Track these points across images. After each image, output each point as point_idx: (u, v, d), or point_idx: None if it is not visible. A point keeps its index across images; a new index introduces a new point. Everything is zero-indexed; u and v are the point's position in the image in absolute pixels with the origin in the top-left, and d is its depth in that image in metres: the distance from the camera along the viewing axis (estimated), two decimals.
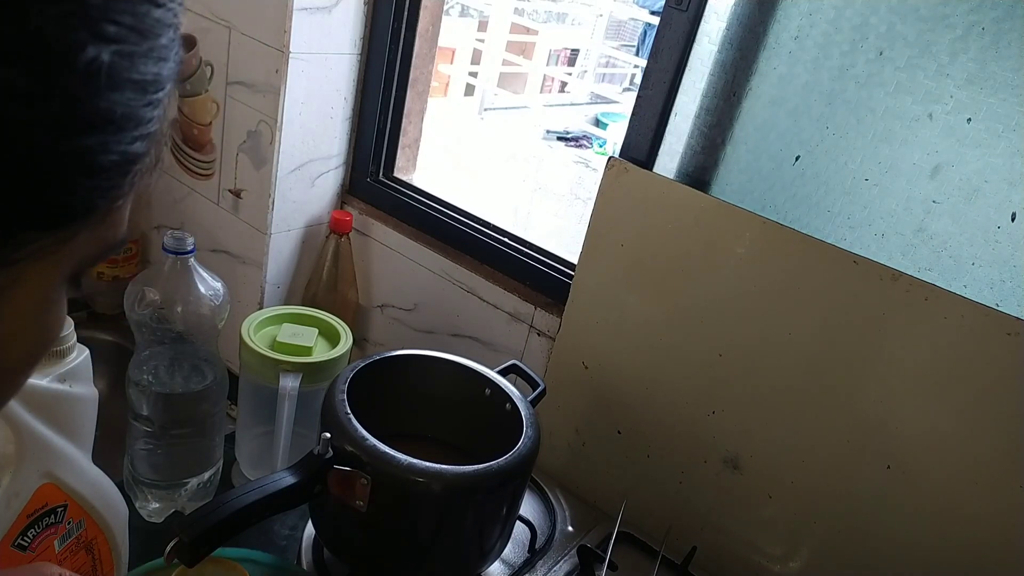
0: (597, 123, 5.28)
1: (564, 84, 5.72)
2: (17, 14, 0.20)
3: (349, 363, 0.84)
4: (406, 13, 1.06)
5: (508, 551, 0.85)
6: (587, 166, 4.50)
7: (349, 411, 0.71)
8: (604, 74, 6.04)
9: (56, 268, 0.25)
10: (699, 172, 0.88)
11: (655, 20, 3.62)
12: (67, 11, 0.21)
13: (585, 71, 5.79)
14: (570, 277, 0.96)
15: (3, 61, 0.20)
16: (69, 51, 0.21)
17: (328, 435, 0.68)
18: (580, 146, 4.91)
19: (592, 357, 0.94)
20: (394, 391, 0.83)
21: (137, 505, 0.92)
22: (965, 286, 0.73)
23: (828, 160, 0.79)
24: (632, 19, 5.64)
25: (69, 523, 0.66)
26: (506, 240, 1.05)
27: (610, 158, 0.88)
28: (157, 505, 0.93)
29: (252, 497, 0.62)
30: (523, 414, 0.78)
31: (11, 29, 0.20)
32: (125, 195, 0.26)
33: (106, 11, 0.22)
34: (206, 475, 0.96)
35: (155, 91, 0.24)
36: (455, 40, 4.75)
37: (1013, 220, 0.70)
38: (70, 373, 0.65)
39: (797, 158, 0.81)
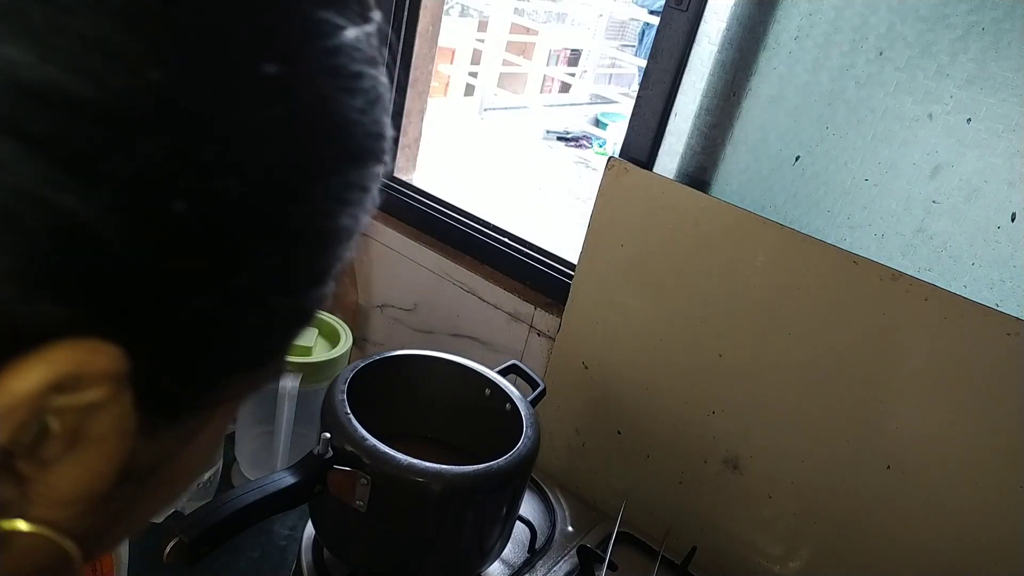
0: (597, 123, 5.28)
1: (567, 85, 5.71)
2: (283, 192, 0.21)
3: (349, 363, 0.84)
4: (406, 13, 1.06)
5: (508, 551, 0.85)
6: (587, 166, 4.50)
7: (349, 411, 0.71)
8: (610, 75, 6.04)
9: (238, 404, 0.26)
10: (699, 172, 0.88)
11: (655, 20, 3.62)
12: (324, 188, 0.22)
13: (585, 71, 5.80)
14: (570, 277, 0.96)
15: (263, 226, 0.20)
16: (320, 223, 0.22)
17: (328, 435, 0.68)
18: (580, 146, 4.91)
19: (592, 357, 0.94)
20: (394, 391, 0.83)
21: None
22: (965, 286, 0.73)
23: (828, 160, 0.79)
24: (632, 19, 5.63)
25: None
26: (506, 240, 1.05)
27: (610, 158, 0.88)
28: None
29: (252, 497, 0.62)
30: (523, 414, 0.78)
31: (272, 198, 0.21)
32: (310, 320, 0.26)
33: (351, 182, 0.23)
34: (206, 475, 0.95)
35: (358, 231, 0.25)
36: (455, 40, 4.75)
37: (1013, 220, 0.70)
38: None
39: (797, 158, 0.81)
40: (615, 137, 4.68)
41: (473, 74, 4.88)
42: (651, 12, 4.71)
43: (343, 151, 0.22)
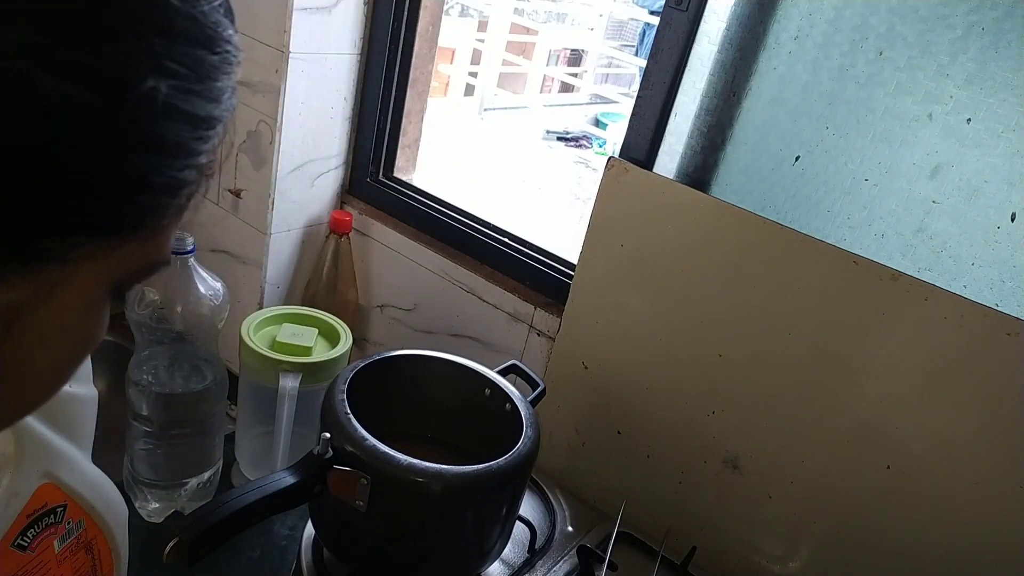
0: (597, 123, 5.28)
1: (567, 85, 5.71)
2: (92, 47, 0.24)
3: (349, 363, 0.84)
4: (406, 13, 1.06)
5: (508, 551, 0.85)
6: (587, 166, 4.50)
7: (349, 411, 0.71)
8: (608, 75, 6.04)
9: (103, 273, 0.28)
10: (699, 172, 0.88)
11: (655, 20, 3.62)
12: (134, 47, 0.25)
13: (585, 71, 5.80)
14: (570, 277, 0.96)
15: (76, 81, 0.23)
16: (132, 79, 0.25)
17: (328, 435, 0.68)
18: (580, 146, 4.91)
19: (592, 357, 0.94)
20: (394, 391, 0.83)
21: (137, 505, 0.92)
22: (965, 286, 0.73)
23: (828, 160, 0.79)
24: (632, 19, 5.63)
25: (69, 523, 0.66)
26: (506, 240, 1.05)
27: (610, 158, 0.88)
28: (157, 505, 0.93)
29: (252, 497, 0.62)
30: (523, 414, 0.78)
31: (87, 58, 0.24)
32: (171, 217, 0.29)
33: (167, 53, 0.26)
34: (206, 475, 0.96)
35: (206, 128, 0.28)
36: (455, 40, 4.75)
37: (1013, 220, 0.70)
38: None
39: (797, 158, 0.81)
40: (615, 137, 4.68)
41: (473, 74, 4.88)
42: (651, 12, 4.71)
43: (163, 23, 0.26)
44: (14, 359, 0.28)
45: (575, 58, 6.01)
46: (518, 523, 0.85)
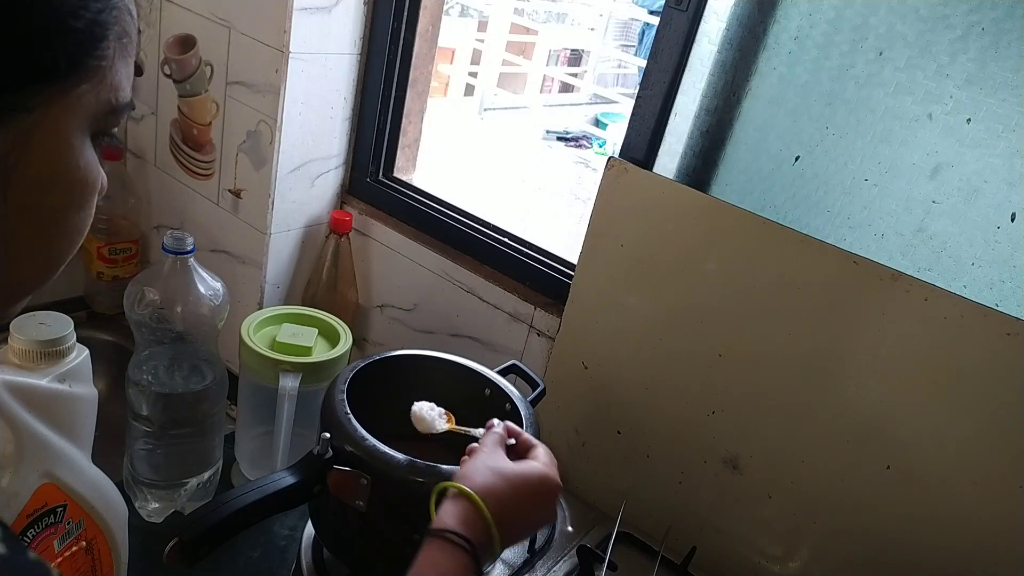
0: (597, 123, 5.28)
1: (567, 85, 5.71)
2: None
3: (349, 363, 0.84)
4: (406, 13, 1.06)
5: (508, 551, 0.85)
6: (587, 166, 4.50)
7: (349, 411, 0.71)
8: (617, 75, 6.03)
9: (69, 116, 0.33)
10: (699, 172, 0.88)
11: (654, 20, 3.62)
12: None
13: (586, 71, 5.79)
14: (570, 277, 0.96)
15: None
16: None
17: (328, 435, 0.68)
18: (580, 146, 4.91)
19: (592, 357, 0.94)
20: (394, 391, 0.83)
21: (137, 505, 0.92)
22: (965, 286, 0.73)
23: (828, 160, 0.79)
24: (632, 19, 5.63)
25: (69, 523, 0.66)
26: (506, 240, 1.05)
27: (610, 158, 0.88)
28: (157, 505, 0.93)
29: (252, 497, 0.62)
30: (523, 414, 0.78)
31: None
32: (110, 59, 0.33)
33: None
34: (206, 475, 0.96)
35: None
36: (455, 40, 4.75)
37: (1013, 220, 0.70)
38: (70, 373, 0.65)
39: (797, 158, 0.81)
40: (615, 137, 4.68)
41: (473, 74, 4.88)
42: (651, 12, 4.71)
43: None
44: (23, 208, 0.33)
45: (575, 58, 6.00)
46: None
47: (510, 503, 0.57)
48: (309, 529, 0.82)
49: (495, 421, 0.65)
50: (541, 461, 0.62)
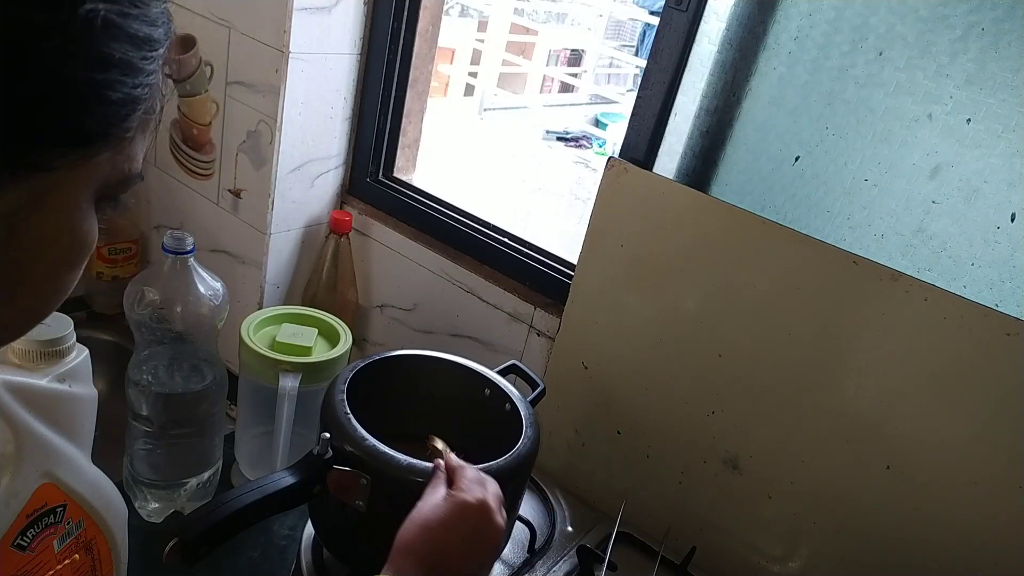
0: (597, 123, 5.28)
1: (567, 85, 5.71)
2: None
3: (349, 363, 0.84)
4: (406, 13, 1.06)
5: (508, 551, 0.85)
6: (587, 166, 4.50)
7: (349, 411, 0.71)
8: (608, 75, 6.03)
9: (84, 181, 0.33)
10: (699, 172, 0.88)
11: (655, 20, 3.61)
12: None
13: (585, 71, 5.79)
14: (570, 277, 0.96)
15: (23, 5, 0.28)
16: (71, 2, 0.29)
17: (328, 435, 0.68)
18: (580, 146, 4.91)
19: (592, 357, 0.94)
20: (394, 391, 0.83)
21: (137, 505, 0.92)
22: (965, 286, 0.73)
23: (828, 160, 0.79)
24: (632, 19, 5.63)
25: (68, 523, 0.66)
26: (506, 240, 1.05)
27: (610, 158, 0.88)
28: (156, 505, 0.93)
29: (252, 497, 0.62)
30: (523, 414, 0.78)
31: None
32: (134, 131, 0.34)
33: None
34: (206, 475, 0.96)
35: (149, 49, 0.33)
36: (455, 40, 4.75)
37: (1013, 220, 0.70)
38: (70, 373, 0.65)
39: (797, 158, 0.81)
40: (615, 137, 4.68)
41: (473, 74, 4.88)
42: (651, 12, 4.71)
43: None
44: (18, 263, 0.33)
45: (575, 58, 6.00)
46: (518, 523, 0.85)
47: (434, 554, 0.56)
48: (309, 529, 0.82)
49: (439, 462, 0.64)
50: (463, 488, 0.60)
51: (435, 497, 0.60)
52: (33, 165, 0.31)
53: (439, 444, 0.79)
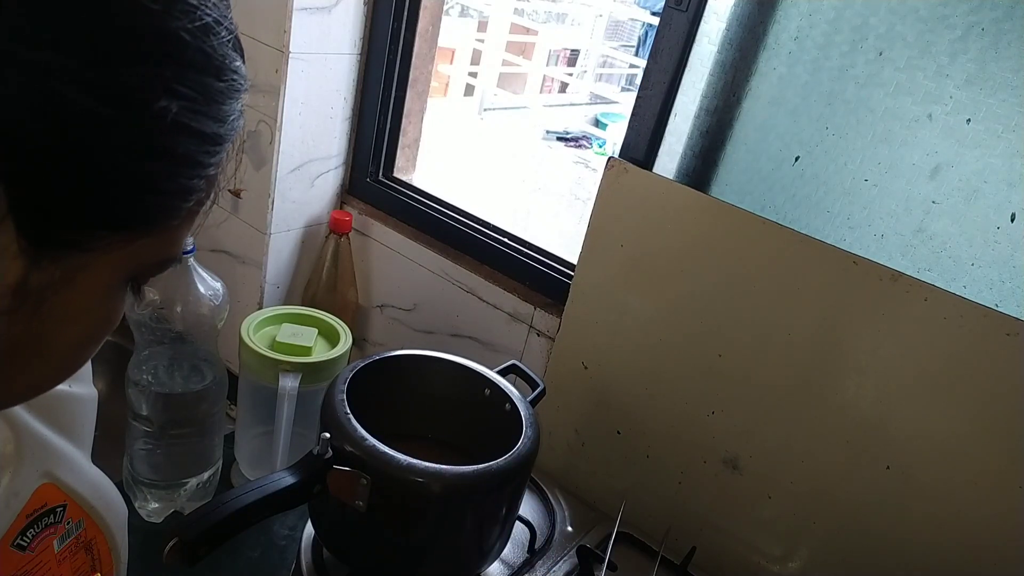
0: (597, 123, 5.28)
1: (565, 84, 5.71)
2: (113, 71, 0.28)
3: (348, 363, 0.84)
4: (406, 13, 1.06)
5: (508, 551, 0.85)
6: (587, 166, 4.50)
7: (349, 411, 0.71)
8: (602, 74, 6.03)
9: (120, 263, 0.33)
10: (699, 172, 0.88)
11: (655, 20, 3.62)
12: (149, 73, 0.29)
13: (585, 71, 5.79)
14: (570, 277, 0.96)
15: (99, 99, 0.28)
16: (146, 99, 0.29)
17: (328, 435, 0.68)
18: (580, 146, 4.91)
19: (592, 357, 0.94)
20: (394, 391, 0.83)
21: (136, 505, 0.92)
22: (965, 286, 0.73)
23: (828, 160, 0.79)
24: (632, 19, 5.63)
25: (68, 523, 0.66)
26: (506, 240, 1.05)
27: (610, 158, 0.88)
28: (156, 505, 0.93)
29: (252, 497, 0.62)
30: (523, 414, 0.78)
31: (108, 80, 0.28)
32: (181, 219, 0.33)
33: (179, 78, 0.30)
34: (205, 475, 0.96)
35: (213, 144, 0.32)
36: (455, 40, 4.75)
37: (1013, 221, 0.70)
38: None
39: (797, 158, 0.81)
40: (615, 137, 4.68)
41: (473, 74, 4.88)
42: (653, 13, 4.71)
43: (176, 54, 0.30)
44: (42, 335, 0.32)
45: (575, 58, 6.00)
46: (518, 523, 0.85)
47: None
48: (309, 529, 0.82)
49: None
50: None
51: None
52: (72, 244, 0.30)
53: None
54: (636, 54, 5.35)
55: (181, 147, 0.31)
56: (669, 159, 0.89)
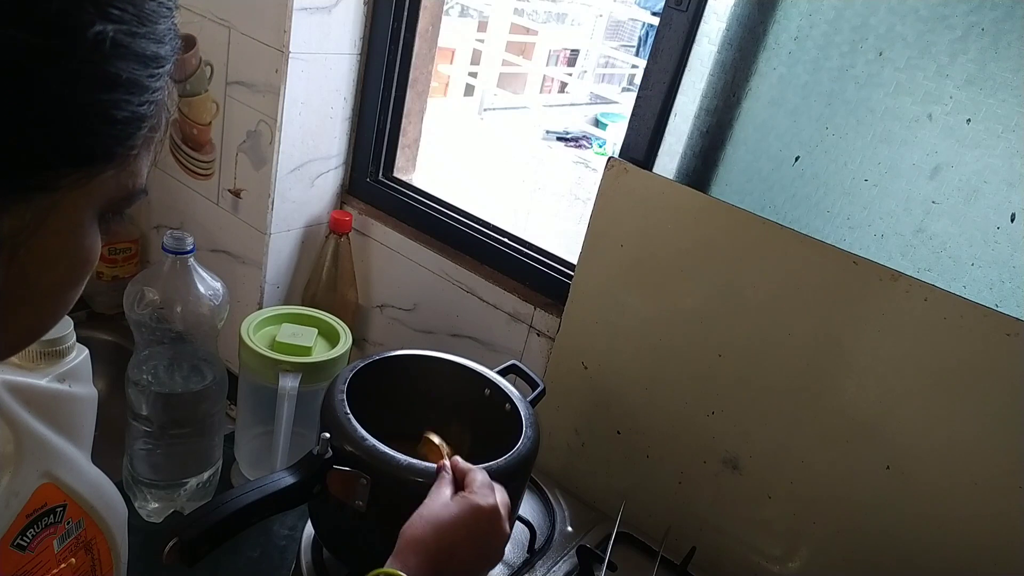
0: (597, 123, 5.28)
1: (564, 84, 5.71)
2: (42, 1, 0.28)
3: (348, 363, 0.84)
4: (406, 13, 1.06)
5: (508, 551, 0.85)
6: (587, 166, 4.50)
7: (349, 411, 0.71)
8: (603, 74, 6.03)
9: (88, 199, 0.33)
10: (699, 172, 0.88)
11: (655, 20, 3.61)
12: None
13: (585, 71, 5.79)
14: (570, 277, 0.96)
15: (31, 30, 0.27)
16: (80, 25, 0.29)
17: (328, 435, 0.68)
18: (580, 146, 4.91)
19: (592, 357, 0.94)
20: (394, 391, 0.83)
21: (136, 505, 0.92)
22: (965, 287, 0.73)
23: (828, 161, 0.79)
24: (632, 19, 5.63)
25: (68, 523, 0.66)
26: (506, 240, 1.05)
27: (610, 158, 0.88)
28: (156, 505, 0.93)
29: (251, 497, 0.62)
30: (523, 414, 0.78)
31: (38, 9, 0.28)
32: (138, 148, 0.34)
33: (110, 1, 0.30)
34: (205, 475, 0.96)
35: (156, 66, 0.32)
36: (455, 40, 4.74)
37: (1012, 221, 0.70)
38: (70, 373, 0.65)
39: (797, 159, 0.81)
40: (615, 137, 4.68)
41: (473, 74, 4.87)
42: (653, 13, 4.71)
43: None
44: (23, 280, 0.33)
45: (575, 58, 6.00)
46: (518, 523, 0.85)
47: (443, 552, 0.57)
48: (309, 529, 0.82)
49: (444, 463, 0.65)
50: (474, 491, 0.61)
51: (443, 497, 0.61)
52: (37, 186, 0.30)
53: (435, 439, 0.78)
54: (636, 54, 5.35)
55: (125, 72, 0.31)
56: (669, 159, 0.89)
